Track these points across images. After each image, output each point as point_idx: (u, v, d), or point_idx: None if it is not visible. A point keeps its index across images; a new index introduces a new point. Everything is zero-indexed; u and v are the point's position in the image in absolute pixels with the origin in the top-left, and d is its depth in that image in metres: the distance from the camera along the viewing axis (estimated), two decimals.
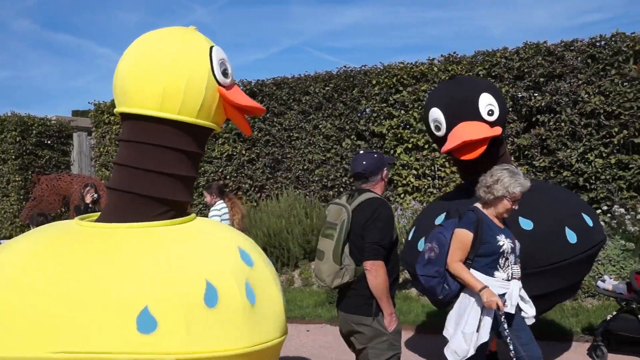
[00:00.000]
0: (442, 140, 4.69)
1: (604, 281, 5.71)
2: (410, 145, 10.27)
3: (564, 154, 8.93)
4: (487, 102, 4.62)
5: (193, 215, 3.31)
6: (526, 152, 9.24)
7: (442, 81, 5.38)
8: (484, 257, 3.76)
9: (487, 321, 3.71)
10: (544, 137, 9.13)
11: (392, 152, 10.37)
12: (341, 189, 10.90)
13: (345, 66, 11.14)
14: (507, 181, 3.77)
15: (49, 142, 14.63)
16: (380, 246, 3.41)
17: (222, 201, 6.92)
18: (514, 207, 3.83)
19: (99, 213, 3.40)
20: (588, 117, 8.83)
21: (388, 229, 3.48)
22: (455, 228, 3.84)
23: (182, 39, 3.16)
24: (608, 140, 8.71)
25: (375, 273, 3.38)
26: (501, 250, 3.74)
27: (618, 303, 5.66)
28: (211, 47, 3.19)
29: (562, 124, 8.95)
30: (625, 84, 8.58)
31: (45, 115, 14.91)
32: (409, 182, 10.28)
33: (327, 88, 11.03)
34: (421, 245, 4.54)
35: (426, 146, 10.12)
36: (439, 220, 4.48)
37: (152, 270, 2.74)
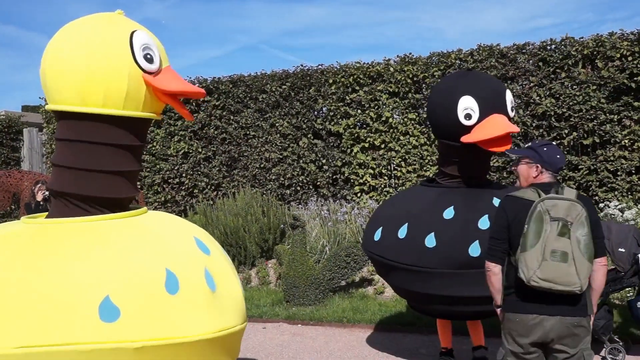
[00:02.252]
0: (466, 129, 4.64)
1: None
2: (366, 145, 10.35)
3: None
4: (510, 99, 4.75)
5: (144, 208, 3.25)
6: None
7: (455, 72, 5.41)
8: None
9: None
10: None
11: (348, 151, 10.45)
12: (298, 188, 10.92)
13: (302, 65, 11.16)
14: None
15: None
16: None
17: None
18: None
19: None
20: (540, 118, 9.08)
21: None
22: None
23: (99, 28, 3.00)
24: (559, 141, 8.96)
25: (605, 269, 3.35)
26: None
27: None
28: (133, 32, 3.01)
29: (515, 125, 9.14)
30: (574, 87, 8.84)
31: None
32: (366, 181, 10.37)
33: (283, 86, 11.02)
34: (429, 241, 4.47)
35: (382, 146, 10.22)
36: (483, 223, 4.40)
37: (110, 260, 2.72)
